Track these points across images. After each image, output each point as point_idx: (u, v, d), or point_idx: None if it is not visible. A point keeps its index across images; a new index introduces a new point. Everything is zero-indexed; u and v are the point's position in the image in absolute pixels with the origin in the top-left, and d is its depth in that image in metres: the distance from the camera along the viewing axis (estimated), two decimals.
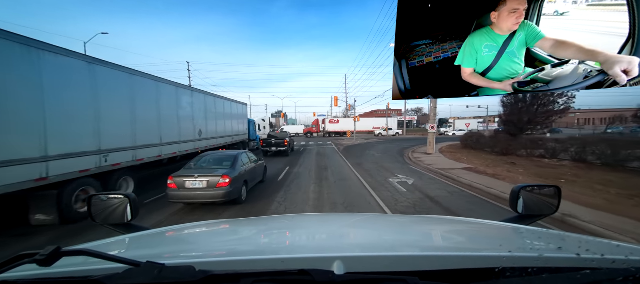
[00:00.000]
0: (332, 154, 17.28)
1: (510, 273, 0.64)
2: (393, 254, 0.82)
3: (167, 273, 0.57)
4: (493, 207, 6.03)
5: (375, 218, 1.93)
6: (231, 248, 1.07)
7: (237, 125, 15.70)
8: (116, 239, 1.13)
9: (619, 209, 5.22)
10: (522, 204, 1.28)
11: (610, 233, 4.25)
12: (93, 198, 1.31)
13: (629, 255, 0.66)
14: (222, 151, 7.95)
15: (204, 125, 11.20)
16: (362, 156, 15.85)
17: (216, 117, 12.58)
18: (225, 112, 13.94)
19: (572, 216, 4.90)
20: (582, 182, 7.58)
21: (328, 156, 16.54)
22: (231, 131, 14.65)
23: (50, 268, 0.56)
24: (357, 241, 1.18)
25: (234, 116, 15.17)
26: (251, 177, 7.13)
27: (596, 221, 4.71)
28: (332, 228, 1.39)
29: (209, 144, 11.57)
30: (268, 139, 16.83)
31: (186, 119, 9.77)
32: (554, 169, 10.04)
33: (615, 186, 7.03)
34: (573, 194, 6.16)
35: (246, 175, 6.63)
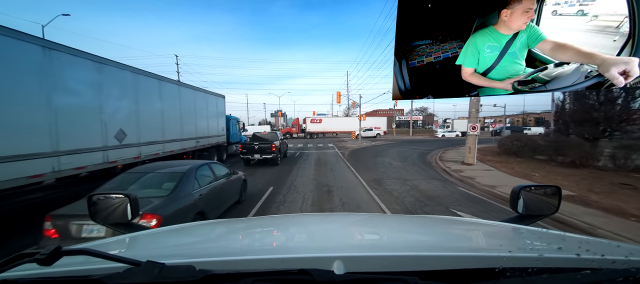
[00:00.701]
0: (336, 163, 13.20)
1: (510, 273, 0.64)
2: (393, 254, 0.82)
3: (167, 272, 0.57)
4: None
5: (375, 218, 1.93)
6: (231, 248, 1.07)
7: (208, 123, 11.62)
8: (116, 239, 1.13)
9: None
10: (522, 204, 1.28)
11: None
12: (93, 197, 1.31)
13: (629, 255, 0.66)
14: (164, 164, 4.97)
15: (132, 122, 7.08)
16: (376, 167, 11.99)
17: (164, 110, 8.47)
18: (184, 105, 9.70)
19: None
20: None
21: (331, 166, 12.31)
22: (195, 132, 10.47)
23: (51, 268, 0.56)
24: (357, 241, 1.18)
25: (201, 110, 11.05)
26: (215, 203, 4.68)
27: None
28: (332, 227, 1.39)
29: (148, 152, 7.54)
30: (249, 144, 12.18)
31: (87, 112, 5.77)
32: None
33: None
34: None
35: (201, 203, 4.14)
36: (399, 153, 17.86)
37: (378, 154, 17.58)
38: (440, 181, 9.09)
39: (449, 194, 7.29)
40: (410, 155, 16.90)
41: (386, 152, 18.30)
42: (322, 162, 13.66)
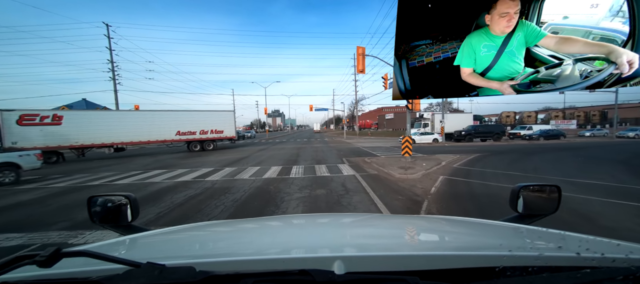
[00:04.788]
0: None
1: (510, 272, 0.64)
2: (393, 254, 0.82)
3: (167, 273, 0.57)
4: None
5: (376, 218, 1.93)
6: (231, 248, 1.07)
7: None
8: (116, 240, 1.13)
9: None
10: (522, 203, 1.28)
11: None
12: (93, 198, 1.31)
13: (629, 254, 0.66)
14: None
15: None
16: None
17: None
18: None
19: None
20: None
21: None
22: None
23: (50, 269, 0.56)
24: (357, 241, 1.18)
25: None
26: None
27: None
28: (332, 227, 1.39)
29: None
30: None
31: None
32: None
33: None
34: None
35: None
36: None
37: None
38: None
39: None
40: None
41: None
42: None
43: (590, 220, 4.30)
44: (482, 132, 25.81)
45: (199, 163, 12.16)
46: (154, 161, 13.52)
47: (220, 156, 15.18)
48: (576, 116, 52.33)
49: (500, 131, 26.58)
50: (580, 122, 49.87)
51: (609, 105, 50.38)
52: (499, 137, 25.62)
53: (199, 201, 5.68)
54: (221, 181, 7.85)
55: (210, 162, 12.24)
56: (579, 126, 47.55)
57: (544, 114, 56.26)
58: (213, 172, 9.41)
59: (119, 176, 9.24)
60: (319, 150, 17.88)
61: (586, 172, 8.23)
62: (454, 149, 17.14)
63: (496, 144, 22.29)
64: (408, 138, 10.08)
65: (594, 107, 55.11)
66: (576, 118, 51.32)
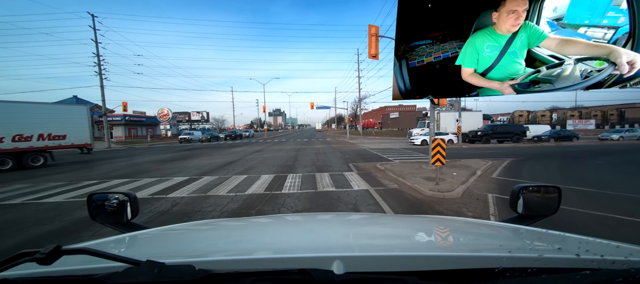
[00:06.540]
0: None
1: (509, 273, 0.64)
2: (393, 254, 0.82)
3: (167, 271, 0.57)
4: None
5: (375, 218, 1.93)
6: (231, 247, 1.07)
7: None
8: (116, 238, 1.14)
9: None
10: (522, 204, 1.28)
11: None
12: (93, 196, 1.31)
13: (629, 256, 0.66)
14: None
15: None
16: None
17: None
18: None
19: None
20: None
21: None
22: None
23: (51, 267, 0.56)
24: (356, 241, 1.18)
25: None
26: None
27: None
28: (331, 227, 1.39)
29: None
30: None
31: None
32: None
33: None
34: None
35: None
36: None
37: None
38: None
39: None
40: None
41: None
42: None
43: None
44: (501, 133, 23.38)
45: (176, 169, 10.30)
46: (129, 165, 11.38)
47: (205, 160, 13.29)
48: (593, 116, 49.22)
49: (520, 131, 24.05)
50: (598, 122, 47.86)
51: (625, 104, 48.00)
52: (519, 138, 23.21)
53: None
54: (188, 198, 5.93)
55: (188, 169, 10.33)
56: (597, 127, 45.46)
57: (557, 113, 54.22)
58: (185, 183, 7.55)
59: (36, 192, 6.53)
60: (321, 152, 16.16)
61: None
62: (477, 153, 15.01)
63: (517, 146, 20.01)
64: (440, 141, 7.45)
65: (609, 106, 52.39)
66: (593, 118, 48.53)
